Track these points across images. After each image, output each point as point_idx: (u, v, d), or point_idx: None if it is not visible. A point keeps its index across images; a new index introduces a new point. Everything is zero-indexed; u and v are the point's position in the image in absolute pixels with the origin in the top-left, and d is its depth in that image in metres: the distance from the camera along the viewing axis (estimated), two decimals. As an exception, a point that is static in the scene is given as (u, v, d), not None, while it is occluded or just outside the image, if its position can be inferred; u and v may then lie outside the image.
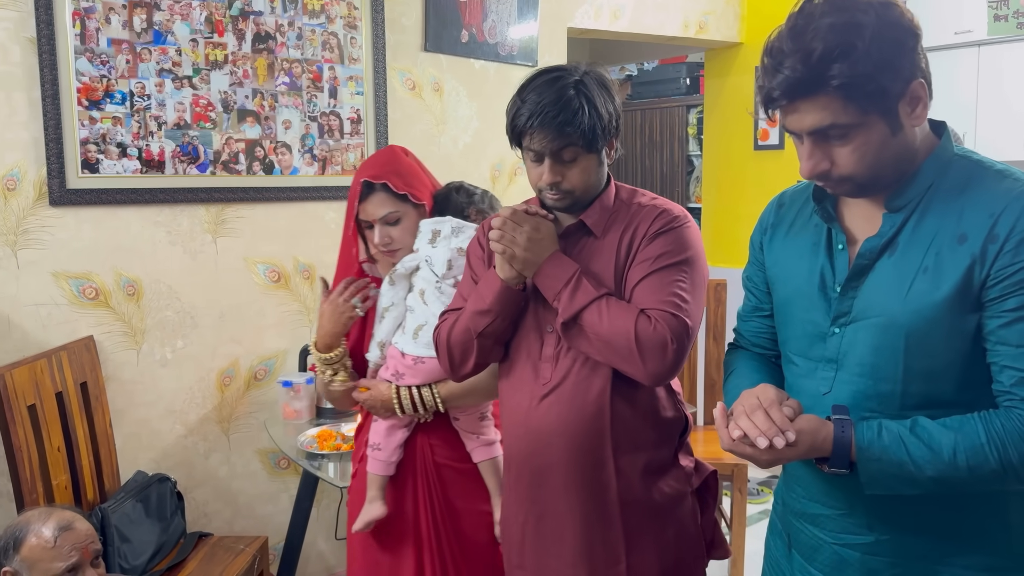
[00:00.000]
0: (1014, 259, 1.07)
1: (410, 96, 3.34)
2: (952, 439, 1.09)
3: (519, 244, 1.47)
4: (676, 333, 1.41)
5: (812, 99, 1.08)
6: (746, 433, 1.11)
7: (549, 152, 1.45)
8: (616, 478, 1.50)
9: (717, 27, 4.48)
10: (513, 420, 1.58)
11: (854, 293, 1.18)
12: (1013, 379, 1.09)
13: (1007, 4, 4.13)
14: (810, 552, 1.29)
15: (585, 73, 1.49)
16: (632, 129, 7.04)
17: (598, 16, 3.95)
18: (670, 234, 1.49)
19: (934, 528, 1.18)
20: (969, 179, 1.14)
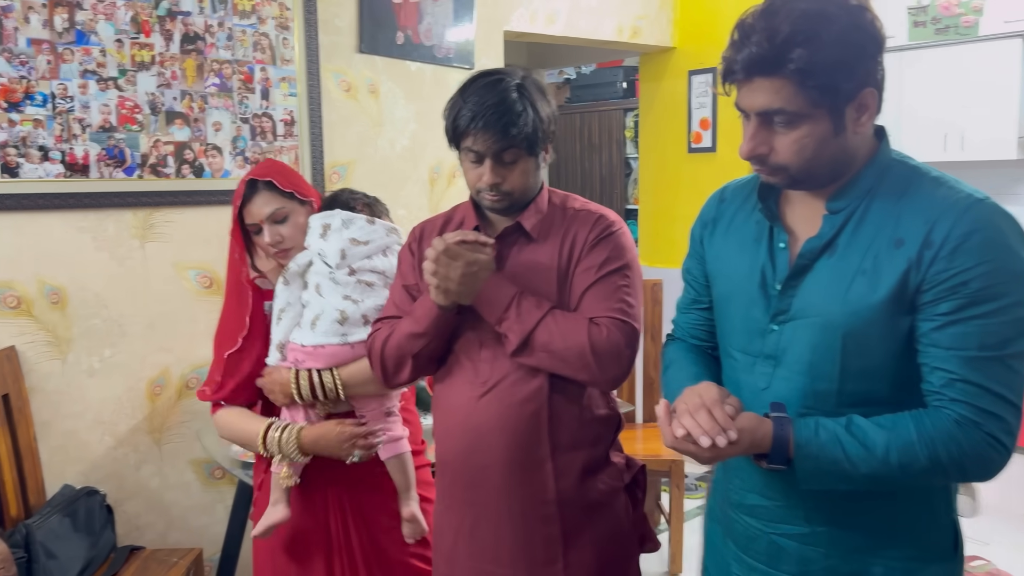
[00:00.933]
0: (948, 265, 1.09)
1: (345, 98, 3.30)
2: (885, 438, 1.12)
3: (453, 280, 1.45)
4: (628, 339, 1.46)
5: (768, 79, 1.11)
6: (689, 432, 1.13)
7: (491, 154, 1.46)
8: (554, 477, 1.50)
9: (650, 32, 4.55)
10: (451, 420, 1.57)
11: (793, 292, 1.21)
12: (943, 380, 1.12)
13: (925, 11, 4.30)
14: (746, 542, 1.32)
15: (524, 77, 1.51)
16: (571, 132, 7.09)
17: (533, 20, 3.97)
18: (609, 240, 1.52)
19: (867, 522, 1.21)
20: (907, 185, 1.17)
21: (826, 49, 1.08)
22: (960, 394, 1.10)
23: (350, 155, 3.33)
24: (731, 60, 1.16)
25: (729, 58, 1.16)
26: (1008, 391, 1.10)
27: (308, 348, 1.75)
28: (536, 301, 1.47)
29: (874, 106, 1.16)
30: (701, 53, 4.69)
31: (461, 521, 1.58)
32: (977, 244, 1.08)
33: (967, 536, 3.30)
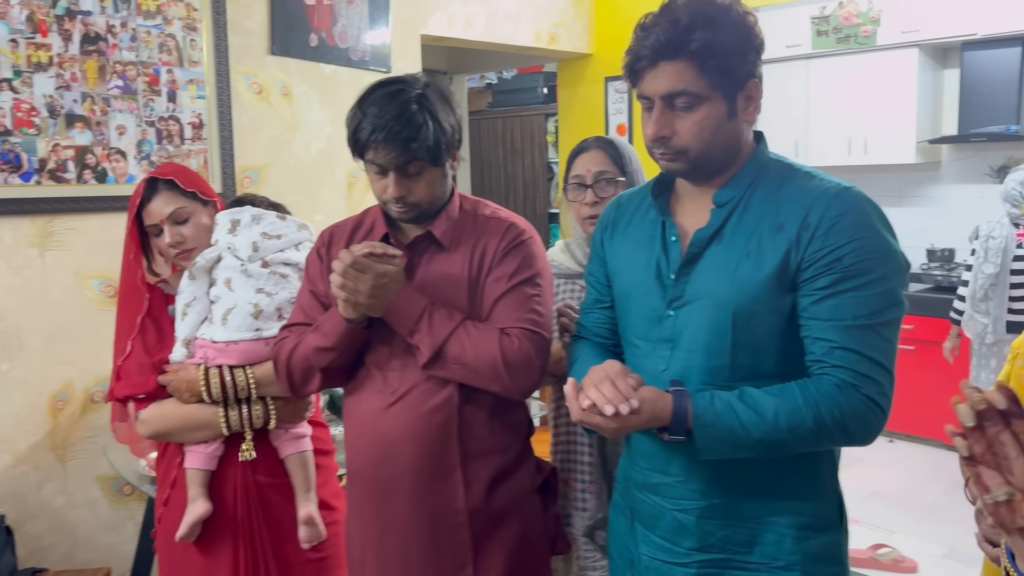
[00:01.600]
0: (824, 244, 1.20)
1: (256, 100, 3.24)
2: (774, 403, 1.20)
3: (362, 293, 1.43)
4: (539, 349, 1.46)
5: (672, 62, 1.21)
6: (594, 403, 1.18)
7: (394, 167, 1.44)
8: (464, 485, 1.50)
9: (568, 38, 4.61)
10: (360, 430, 1.55)
11: (686, 279, 1.29)
12: (824, 349, 1.21)
13: (827, 21, 4.47)
14: (651, 521, 1.37)
15: (426, 86, 1.48)
16: (494, 136, 7.12)
17: (451, 24, 3.97)
18: (520, 249, 1.52)
19: (759, 491, 1.29)
20: (784, 178, 1.28)
21: (723, 33, 1.20)
22: (840, 360, 1.19)
23: (263, 159, 3.26)
24: (638, 48, 1.24)
25: (635, 48, 1.25)
26: (882, 357, 1.20)
27: (219, 344, 1.70)
28: (447, 313, 1.46)
29: (758, 98, 1.28)
30: (617, 60, 4.76)
31: (369, 531, 1.56)
32: (848, 224, 1.20)
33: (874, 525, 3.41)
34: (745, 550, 1.29)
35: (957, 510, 4.01)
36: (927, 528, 3.53)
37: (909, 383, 4.17)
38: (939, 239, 4.67)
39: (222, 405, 1.70)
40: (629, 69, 1.27)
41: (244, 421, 1.71)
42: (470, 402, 1.49)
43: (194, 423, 1.71)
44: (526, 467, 1.59)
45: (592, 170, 1.75)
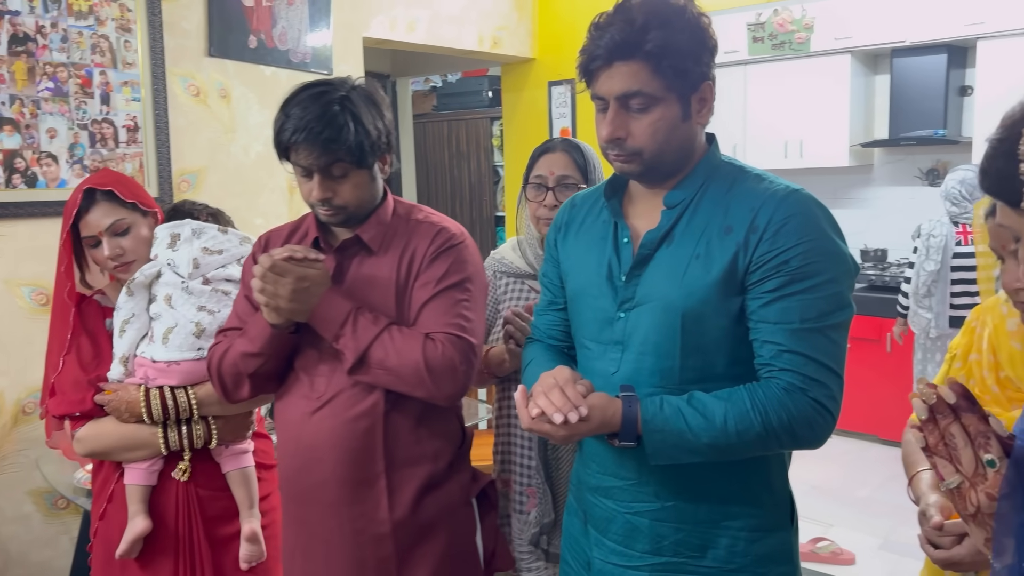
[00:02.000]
0: (772, 247, 1.20)
1: (194, 103, 3.18)
2: (723, 408, 1.21)
3: (283, 297, 1.41)
4: (463, 354, 1.44)
5: (627, 62, 1.20)
6: (543, 411, 1.17)
7: (317, 168, 1.42)
8: (388, 495, 1.48)
9: (511, 42, 4.63)
10: (286, 435, 1.53)
11: (637, 280, 1.29)
12: (772, 352, 1.21)
13: (763, 27, 4.58)
14: (604, 524, 1.36)
15: (352, 88, 1.46)
16: (440, 140, 7.11)
17: (393, 27, 3.96)
18: (450, 253, 1.50)
19: (712, 495, 1.29)
20: (734, 181, 1.28)
21: (678, 34, 1.20)
22: (787, 363, 1.19)
23: (200, 162, 3.20)
24: (592, 48, 1.24)
25: (589, 48, 1.25)
26: (830, 360, 1.21)
27: (160, 364, 1.66)
28: (373, 317, 1.44)
29: (711, 100, 1.29)
30: (560, 64, 4.81)
31: (297, 539, 1.54)
32: (795, 226, 1.20)
33: (813, 519, 3.50)
34: (698, 554, 1.29)
35: (892, 503, 4.14)
36: (864, 520, 3.64)
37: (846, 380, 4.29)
38: (872, 240, 4.81)
39: (161, 425, 1.66)
40: (583, 69, 1.26)
41: (184, 441, 1.67)
42: (397, 409, 1.47)
43: (132, 443, 1.68)
44: (458, 477, 1.57)
45: (555, 172, 1.74)
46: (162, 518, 1.69)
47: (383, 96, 1.51)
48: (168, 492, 1.70)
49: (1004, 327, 1.25)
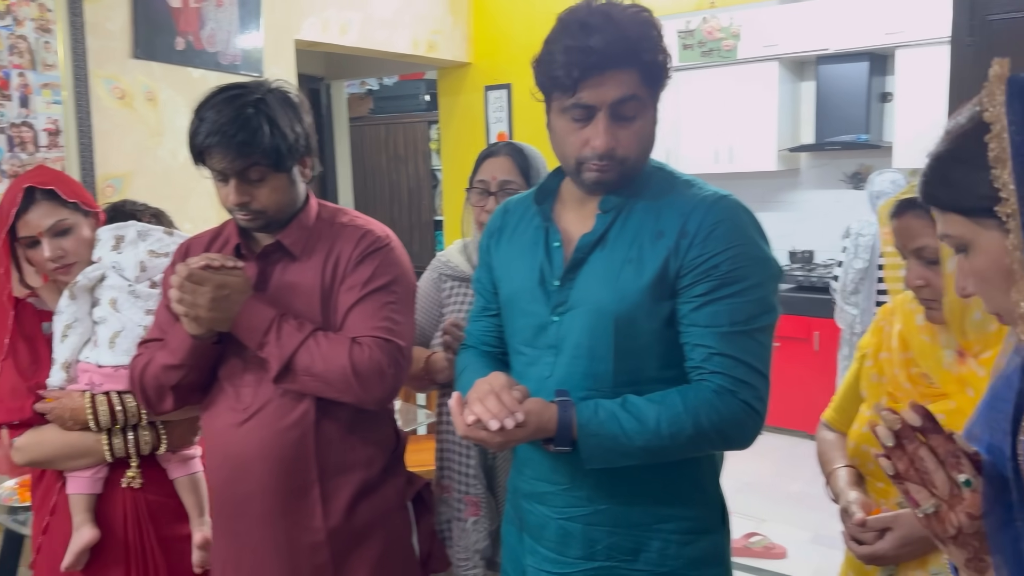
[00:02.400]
0: (702, 251, 1.23)
1: (119, 106, 3.09)
2: (656, 411, 1.22)
3: (202, 306, 1.38)
4: (391, 357, 1.43)
5: (621, 71, 1.20)
6: (479, 418, 1.17)
7: (233, 172, 1.40)
8: (322, 503, 1.46)
9: (446, 46, 4.63)
10: (213, 447, 1.51)
11: (571, 284, 1.29)
12: (703, 355, 1.24)
13: (692, 35, 4.68)
14: (538, 531, 1.37)
15: (268, 91, 1.44)
16: (377, 144, 7.06)
17: (326, 30, 3.92)
18: (375, 256, 1.49)
19: (644, 496, 1.30)
20: (665, 186, 1.30)
21: (659, 46, 1.23)
22: (718, 366, 1.22)
23: (126, 166, 3.12)
24: (584, 54, 1.20)
25: (576, 59, 1.20)
26: (757, 362, 1.24)
27: (107, 369, 1.62)
28: (298, 323, 1.42)
29: None
30: (496, 69, 4.83)
31: (227, 552, 1.51)
32: (724, 232, 1.23)
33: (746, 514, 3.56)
34: (630, 558, 1.30)
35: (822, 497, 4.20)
36: (795, 515, 3.73)
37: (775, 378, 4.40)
38: (800, 242, 4.95)
39: (106, 432, 1.61)
40: (565, 77, 1.21)
41: (130, 448, 1.63)
42: (328, 416, 1.46)
43: (75, 451, 1.62)
44: (393, 482, 1.56)
45: (498, 177, 1.74)
46: (110, 527, 1.64)
47: (302, 99, 1.50)
48: (115, 500, 1.65)
49: (914, 323, 1.30)
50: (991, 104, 0.76)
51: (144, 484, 1.67)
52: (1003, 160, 0.74)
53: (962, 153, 0.78)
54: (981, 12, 2.72)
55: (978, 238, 0.78)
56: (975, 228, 0.78)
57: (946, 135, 0.81)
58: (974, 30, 2.73)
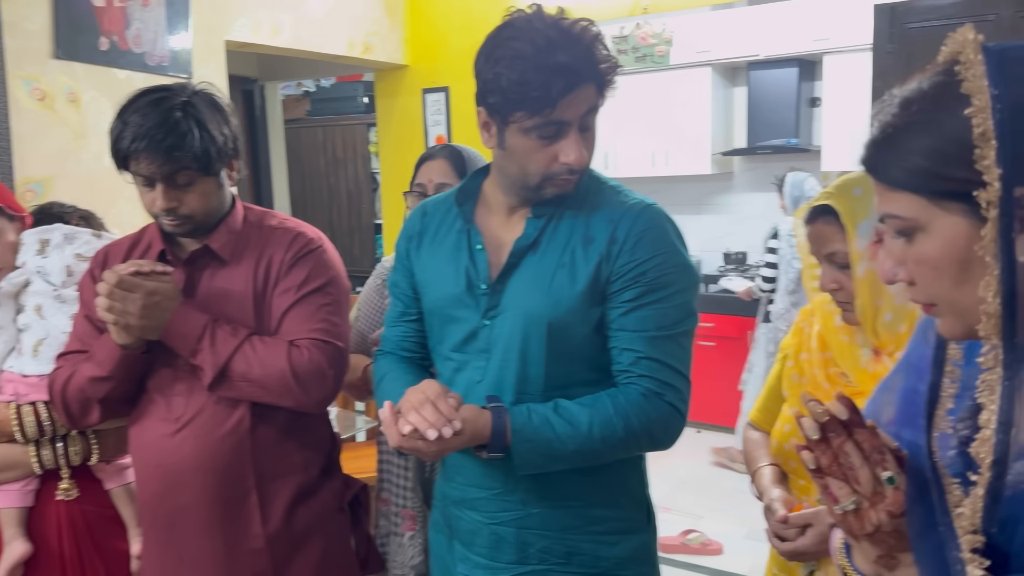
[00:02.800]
0: (631, 258, 1.25)
1: (39, 108, 2.99)
2: (588, 414, 1.24)
3: (133, 314, 1.35)
4: (331, 359, 1.43)
5: (586, 85, 1.21)
6: (416, 427, 1.16)
7: (160, 177, 1.37)
8: (260, 509, 1.45)
9: (383, 48, 4.59)
10: (144, 460, 1.47)
11: (502, 288, 1.30)
12: (631, 359, 1.26)
13: (626, 40, 4.74)
14: (469, 538, 1.36)
15: (194, 94, 1.42)
16: (315, 146, 6.96)
17: (257, 31, 3.85)
18: (309, 258, 1.48)
19: (575, 498, 1.32)
20: (593, 192, 1.32)
21: (611, 57, 1.25)
22: (645, 370, 1.25)
23: (47, 170, 3.02)
24: (559, 72, 1.19)
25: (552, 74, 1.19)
26: (681, 365, 1.28)
27: (32, 379, 1.56)
28: (231, 329, 1.41)
29: None
30: (433, 72, 4.82)
31: (164, 564, 1.48)
32: (651, 240, 1.26)
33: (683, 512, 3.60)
34: (563, 561, 1.31)
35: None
36: (730, 511, 3.80)
37: (711, 377, 4.49)
38: (733, 243, 5.05)
39: (34, 443, 1.56)
40: (543, 97, 1.20)
41: (60, 459, 1.57)
42: (264, 422, 1.44)
43: (2, 464, 1.57)
44: (330, 485, 1.56)
45: (434, 180, 1.73)
46: (44, 540, 1.59)
47: (228, 101, 1.47)
48: (49, 512, 1.60)
49: (832, 323, 1.34)
50: (971, 74, 0.67)
51: (81, 496, 1.62)
52: (988, 139, 0.65)
53: (930, 127, 0.69)
54: (900, 20, 2.82)
55: (935, 222, 0.70)
56: (933, 211, 0.70)
57: (903, 102, 0.72)
58: (894, 37, 2.83)
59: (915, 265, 0.73)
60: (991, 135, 0.65)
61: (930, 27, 2.77)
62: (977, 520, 0.69)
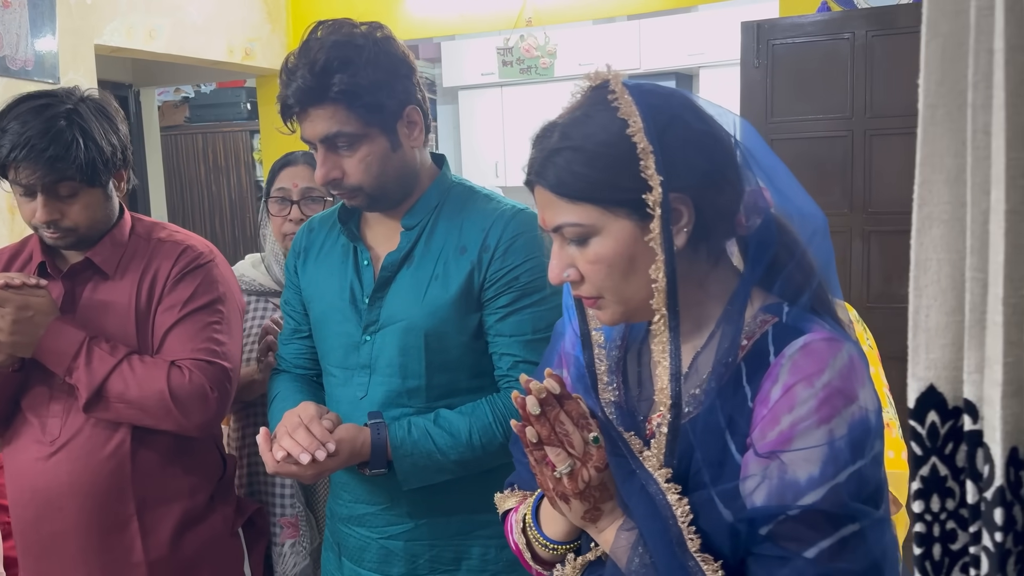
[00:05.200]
0: (503, 264, 1.27)
1: None
2: (468, 423, 1.26)
3: (3, 330, 1.30)
4: (215, 380, 1.38)
5: (321, 107, 1.19)
6: (289, 452, 1.15)
7: (41, 187, 1.32)
8: (141, 537, 1.40)
9: (264, 54, 4.49)
10: (17, 484, 1.40)
11: (380, 302, 1.31)
12: (509, 363, 1.29)
13: (511, 52, 4.83)
14: (358, 554, 1.36)
15: (81, 100, 1.37)
16: (193, 154, 6.71)
17: (131, 35, 3.70)
18: (196, 273, 1.44)
19: (462, 506, 1.33)
20: (465, 201, 1.34)
21: (362, 72, 1.20)
22: (526, 374, 1.28)
23: None
24: (284, 97, 1.23)
25: (283, 96, 1.23)
26: None
27: None
28: (110, 347, 1.36)
29: (420, 122, 1.31)
30: (319, 78, 4.74)
31: None
32: (522, 245, 1.28)
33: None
34: (452, 567, 1.33)
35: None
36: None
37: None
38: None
39: None
40: (285, 115, 1.24)
41: None
42: (145, 445, 1.40)
43: None
44: (221, 510, 1.51)
45: (299, 185, 1.70)
46: None
47: (116, 108, 1.42)
48: None
49: None
50: (623, 102, 0.84)
51: None
52: (648, 153, 0.81)
53: (597, 147, 0.84)
54: (766, 37, 2.99)
55: (609, 226, 0.85)
56: (607, 217, 0.85)
57: (567, 127, 0.87)
58: (760, 53, 3.00)
59: (588, 265, 0.87)
60: (649, 149, 0.82)
61: (794, 43, 2.96)
62: (662, 457, 0.86)
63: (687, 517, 0.81)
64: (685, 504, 0.82)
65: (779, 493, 0.78)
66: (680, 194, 0.83)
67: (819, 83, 2.90)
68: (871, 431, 0.80)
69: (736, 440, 0.83)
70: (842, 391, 0.79)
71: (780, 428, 0.79)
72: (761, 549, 0.79)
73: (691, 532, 0.81)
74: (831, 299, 0.89)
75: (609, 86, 0.86)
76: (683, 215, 0.84)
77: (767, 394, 0.81)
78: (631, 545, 0.84)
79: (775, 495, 0.78)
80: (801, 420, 0.79)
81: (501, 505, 1.08)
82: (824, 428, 0.78)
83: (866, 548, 0.78)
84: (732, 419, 0.83)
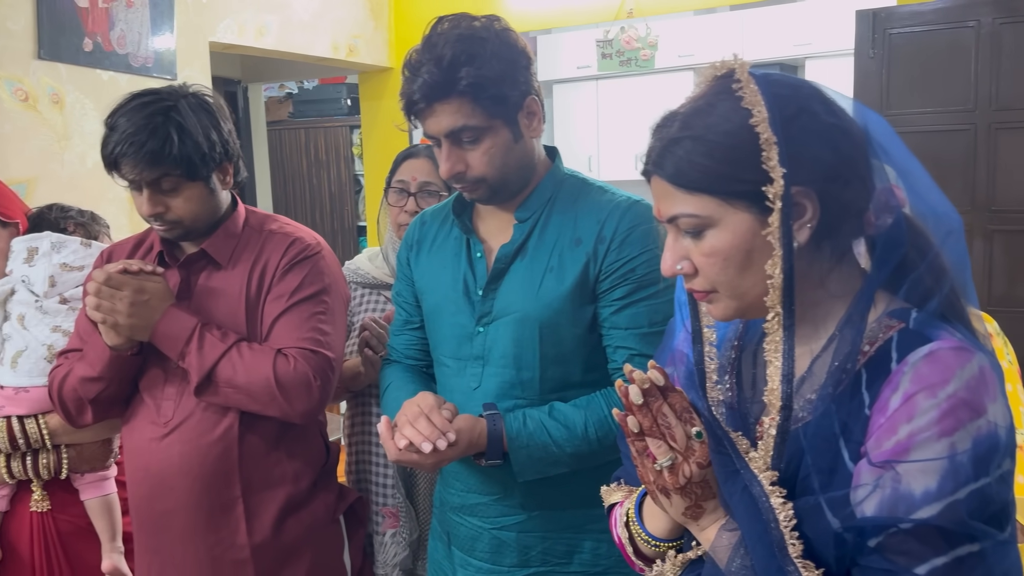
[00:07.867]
0: (619, 256, 1.27)
1: (22, 108, 2.96)
2: (583, 416, 1.25)
3: (121, 312, 1.34)
4: (318, 369, 1.41)
5: (446, 102, 1.21)
6: (411, 441, 1.17)
7: (145, 182, 1.37)
8: (246, 520, 1.44)
9: (367, 51, 4.58)
10: (133, 462, 1.47)
11: (494, 294, 1.31)
12: (624, 356, 1.27)
13: (611, 44, 4.77)
14: (469, 543, 1.37)
15: (183, 97, 1.42)
16: (297, 148, 6.93)
17: (242, 32, 3.84)
18: (304, 264, 1.47)
19: (575, 499, 1.33)
20: (579, 193, 1.33)
21: (487, 65, 1.21)
22: (639, 367, 1.26)
23: (30, 172, 2.99)
24: (409, 93, 1.24)
25: (407, 92, 1.25)
26: None
27: (8, 391, 1.55)
28: (221, 333, 1.40)
29: (539, 111, 1.31)
30: (418, 73, 4.80)
31: (150, 569, 1.48)
32: (639, 236, 1.27)
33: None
34: (564, 560, 1.33)
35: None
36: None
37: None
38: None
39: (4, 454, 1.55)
40: (408, 112, 1.27)
41: (30, 471, 1.56)
42: (253, 430, 1.43)
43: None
44: (323, 497, 1.54)
45: (418, 178, 1.72)
46: (14, 548, 1.58)
47: (220, 104, 1.47)
48: (22, 520, 1.59)
49: None
50: (748, 92, 0.81)
51: (56, 506, 1.61)
52: (771, 144, 0.79)
53: (718, 137, 0.82)
54: (882, 26, 2.86)
55: (726, 218, 0.82)
56: (725, 208, 0.82)
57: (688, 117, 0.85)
58: (876, 43, 2.86)
59: (703, 257, 0.85)
60: (773, 140, 0.79)
61: (912, 33, 2.81)
62: (769, 459, 0.83)
63: (790, 522, 0.79)
64: (789, 508, 0.79)
65: (891, 504, 0.75)
66: (804, 188, 0.80)
67: (939, 74, 2.76)
68: (999, 448, 0.75)
69: (850, 448, 0.80)
70: (968, 403, 0.75)
71: (897, 438, 0.76)
72: (868, 561, 0.76)
73: (793, 537, 0.78)
74: (964, 306, 0.84)
75: (734, 75, 0.84)
76: (807, 210, 0.81)
77: (886, 402, 0.77)
78: (732, 546, 0.82)
79: (887, 506, 0.75)
80: (920, 431, 0.75)
81: (607, 498, 1.07)
82: (945, 440, 0.74)
83: (985, 570, 0.74)
84: (847, 426, 0.80)
